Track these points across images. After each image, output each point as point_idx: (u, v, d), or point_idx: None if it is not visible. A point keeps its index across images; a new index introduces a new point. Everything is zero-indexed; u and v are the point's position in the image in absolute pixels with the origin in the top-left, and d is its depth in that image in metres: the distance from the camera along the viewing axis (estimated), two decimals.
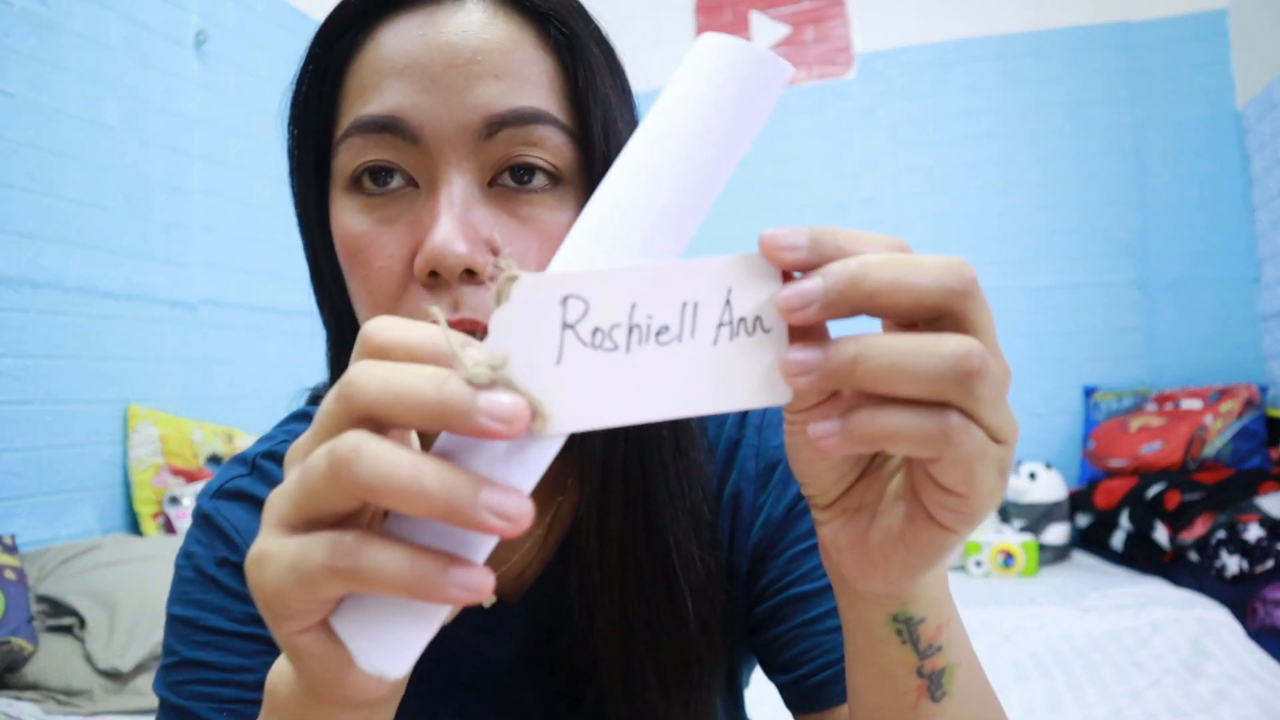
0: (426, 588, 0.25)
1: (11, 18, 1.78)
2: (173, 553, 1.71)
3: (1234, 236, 3.08)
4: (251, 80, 2.46)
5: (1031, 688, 1.59)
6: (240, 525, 0.53)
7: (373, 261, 0.43)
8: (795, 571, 0.52)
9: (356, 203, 0.44)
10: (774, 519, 0.54)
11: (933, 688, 0.36)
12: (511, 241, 0.42)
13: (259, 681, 0.48)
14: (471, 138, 0.42)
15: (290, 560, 0.26)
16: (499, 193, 0.43)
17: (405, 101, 0.42)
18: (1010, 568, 2.57)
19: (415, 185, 0.43)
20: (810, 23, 3.57)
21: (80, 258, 1.92)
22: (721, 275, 0.27)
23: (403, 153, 0.42)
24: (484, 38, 0.42)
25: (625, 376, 0.27)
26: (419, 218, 0.42)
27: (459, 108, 0.41)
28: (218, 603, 0.51)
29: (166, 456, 2.03)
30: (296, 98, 0.48)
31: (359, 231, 0.43)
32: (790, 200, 3.56)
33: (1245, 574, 2.10)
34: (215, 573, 0.52)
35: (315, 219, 0.48)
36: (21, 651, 1.45)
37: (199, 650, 0.50)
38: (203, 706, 0.48)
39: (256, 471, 0.55)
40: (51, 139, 1.86)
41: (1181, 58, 3.15)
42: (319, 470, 0.25)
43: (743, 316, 0.28)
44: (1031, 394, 3.29)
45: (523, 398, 0.25)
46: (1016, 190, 3.32)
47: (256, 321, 2.45)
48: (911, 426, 0.26)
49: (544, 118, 0.43)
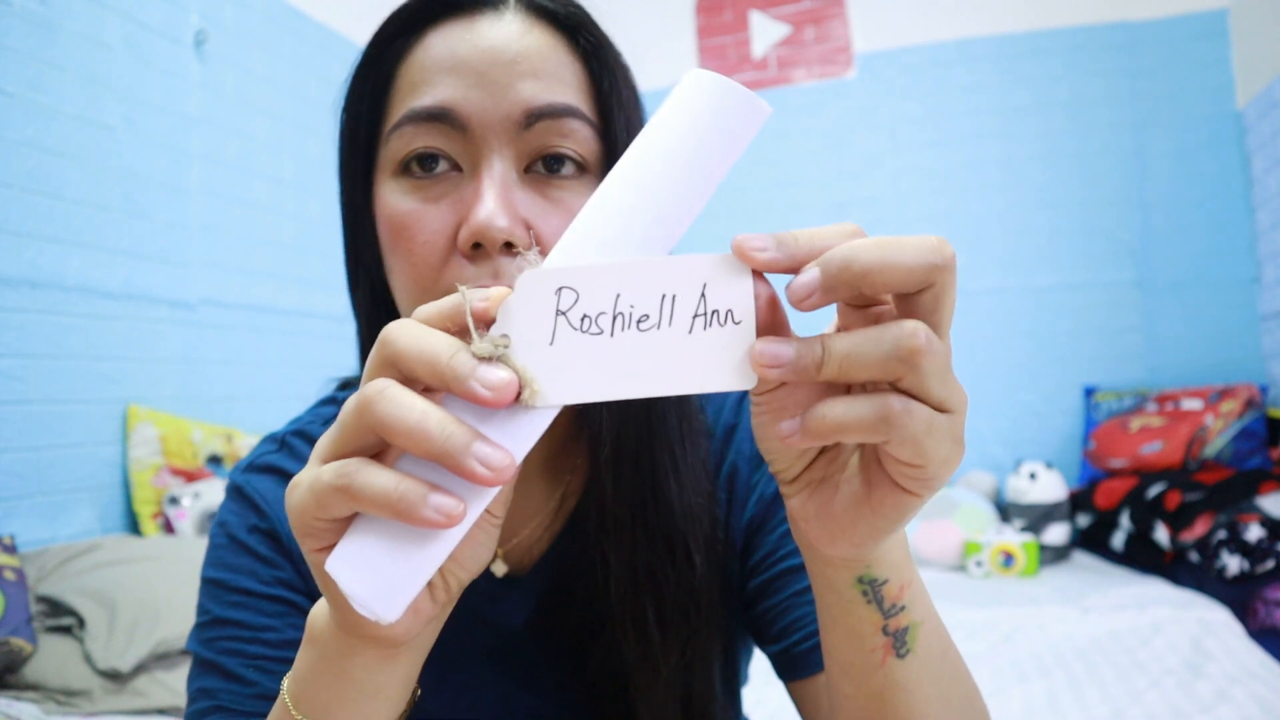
0: (407, 506, 0.29)
1: (11, 17, 1.78)
2: (173, 553, 1.71)
3: (1234, 236, 3.08)
4: (251, 80, 2.46)
5: (1031, 688, 1.59)
6: (269, 496, 0.57)
7: (418, 236, 0.48)
8: (787, 546, 0.56)
9: (404, 185, 0.49)
10: (766, 496, 0.58)
11: (897, 645, 0.40)
12: (544, 221, 0.47)
13: (283, 640, 0.53)
14: (513, 127, 0.47)
15: (309, 481, 0.32)
16: (533, 178, 0.48)
17: (455, 95, 0.47)
18: (1010, 568, 2.57)
19: (459, 170, 0.48)
20: (810, 23, 3.57)
21: (80, 258, 1.92)
22: (698, 272, 0.31)
23: (451, 140, 0.47)
24: (524, 44, 0.48)
25: (609, 358, 0.31)
26: (462, 197, 0.47)
27: (503, 101, 0.47)
28: (248, 566, 0.55)
29: (166, 456, 2.03)
30: (351, 93, 0.53)
31: (405, 210, 0.48)
32: (790, 200, 3.55)
33: (1246, 574, 2.09)
34: (246, 539, 0.56)
35: (361, 203, 0.53)
36: (21, 651, 1.45)
37: (229, 609, 0.54)
38: (231, 661, 0.53)
39: (285, 448, 0.60)
40: (51, 139, 1.85)
41: (1182, 57, 3.15)
42: (350, 408, 0.31)
43: (715, 309, 0.31)
44: (1031, 394, 3.29)
45: (515, 373, 0.30)
46: (1016, 190, 3.32)
47: (256, 321, 2.45)
48: (857, 417, 0.30)
49: (576, 113, 0.48)
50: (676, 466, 0.55)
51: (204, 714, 0.52)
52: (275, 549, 0.56)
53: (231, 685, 0.52)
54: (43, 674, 1.45)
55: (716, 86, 0.33)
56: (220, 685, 0.52)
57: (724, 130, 0.33)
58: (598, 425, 0.53)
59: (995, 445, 3.31)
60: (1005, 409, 3.31)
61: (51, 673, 1.45)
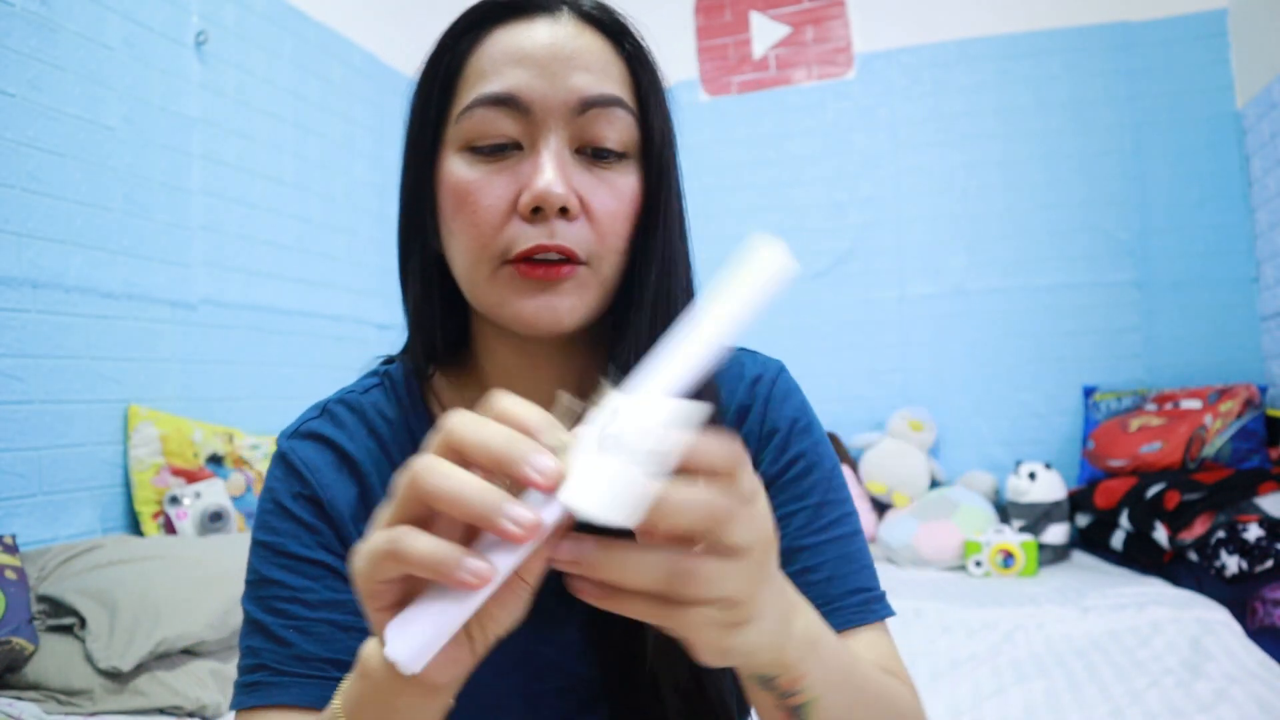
0: (445, 569, 0.33)
1: (12, 18, 1.78)
2: (173, 553, 1.72)
3: (1233, 237, 3.08)
4: (251, 80, 2.46)
5: (1031, 688, 1.59)
6: (310, 462, 0.62)
7: (481, 201, 0.55)
8: (788, 527, 0.62)
9: (470, 158, 0.56)
10: (769, 474, 0.63)
11: (794, 716, 0.46)
12: (592, 193, 0.55)
13: (320, 601, 0.58)
14: (568, 113, 0.55)
15: (366, 548, 0.36)
16: (581, 159, 0.56)
17: (520, 83, 0.55)
18: (1010, 568, 2.57)
19: (519, 148, 0.55)
20: (810, 23, 3.57)
21: (80, 258, 1.92)
22: (647, 413, 0.34)
23: (515, 121, 0.55)
24: (578, 43, 0.56)
25: (593, 471, 0.34)
26: (522, 169, 0.55)
27: (561, 89, 0.55)
28: (291, 530, 0.60)
29: (167, 456, 2.03)
30: (423, 78, 0.60)
31: (471, 179, 0.55)
32: (790, 200, 3.56)
33: (1245, 574, 2.10)
34: (290, 505, 0.61)
35: (425, 175, 0.59)
36: (22, 651, 1.45)
37: (274, 570, 0.59)
38: (273, 620, 0.58)
39: (326, 414, 0.65)
40: (52, 139, 1.86)
41: (1181, 58, 3.15)
42: (402, 483, 0.35)
43: (641, 446, 0.34)
44: (1031, 394, 3.29)
45: (535, 514, 0.34)
46: (1017, 190, 3.32)
47: (256, 321, 2.46)
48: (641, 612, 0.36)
49: (622, 103, 0.56)
50: None
51: (250, 670, 0.58)
52: (316, 514, 0.61)
53: (272, 645, 0.57)
54: (44, 673, 1.45)
55: (784, 272, 0.38)
56: (263, 645, 0.58)
57: (768, 290, 0.38)
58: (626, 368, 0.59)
59: (995, 445, 3.31)
60: (1005, 409, 3.31)
61: (52, 672, 1.45)
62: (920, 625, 2.04)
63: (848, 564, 0.61)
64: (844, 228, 3.50)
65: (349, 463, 0.62)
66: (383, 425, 0.63)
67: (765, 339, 4.05)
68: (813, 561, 0.60)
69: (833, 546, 0.61)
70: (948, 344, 3.37)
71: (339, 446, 0.62)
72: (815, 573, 0.60)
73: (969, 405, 3.34)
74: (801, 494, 0.62)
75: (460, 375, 0.65)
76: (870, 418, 3.42)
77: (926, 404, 3.36)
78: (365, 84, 2.96)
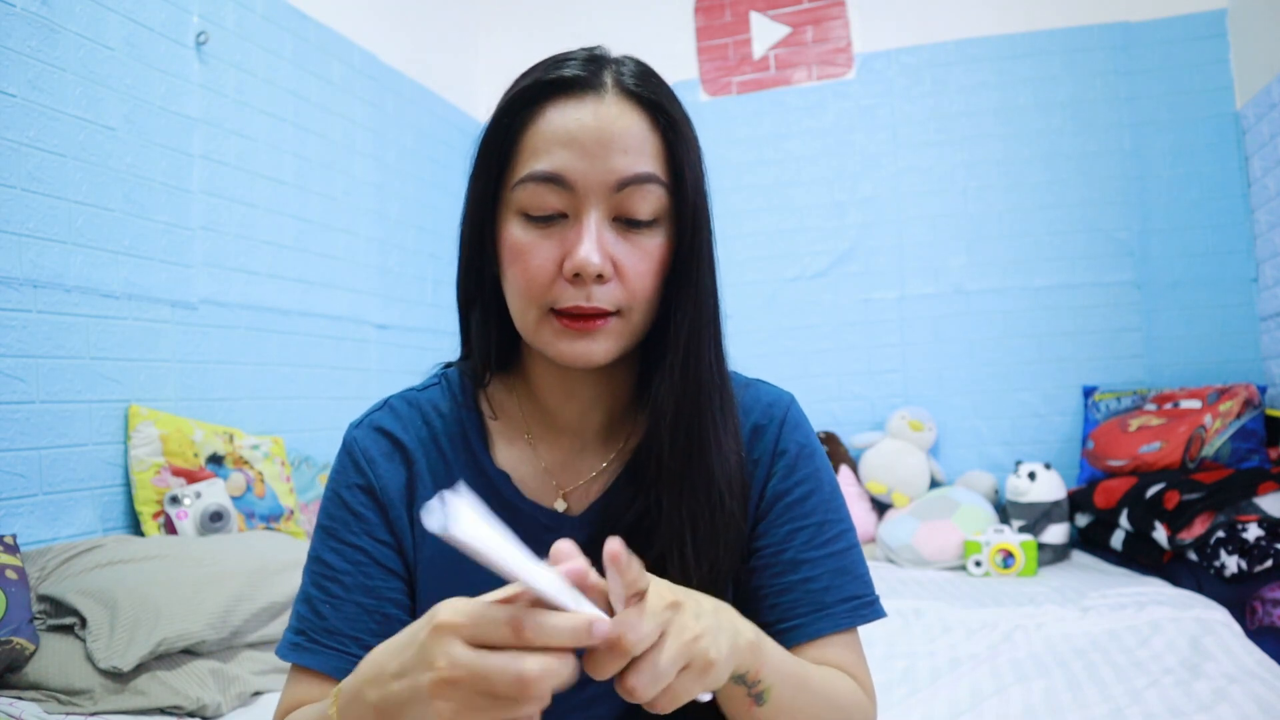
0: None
1: (12, 19, 1.78)
2: (173, 553, 1.72)
3: (1233, 237, 3.08)
4: (252, 81, 2.46)
5: (1031, 688, 1.59)
6: (368, 451, 0.73)
7: (532, 261, 0.65)
8: (794, 541, 0.72)
9: (524, 223, 0.66)
10: (778, 490, 0.73)
11: (757, 699, 0.59)
12: (626, 258, 0.65)
13: (355, 584, 0.69)
14: (607, 190, 0.64)
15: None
16: (618, 226, 0.66)
17: (567, 164, 0.64)
18: (1010, 568, 2.57)
19: (565, 217, 0.65)
20: (810, 23, 3.57)
21: (80, 258, 1.92)
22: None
23: (561, 196, 0.64)
24: (619, 125, 0.64)
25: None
26: (567, 237, 0.65)
27: (601, 170, 0.64)
28: (343, 517, 0.71)
29: (167, 456, 2.03)
30: (484, 144, 0.69)
31: (526, 240, 0.65)
32: (790, 200, 3.56)
33: (1244, 574, 2.10)
34: (344, 495, 0.71)
35: (488, 225, 0.69)
36: (23, 651, 1.45)
37: (325, 551, 0.70)
38: (316, 594, 0.69)
39: (387, 407, 0.75)
40: (52, 139, 1.86)
41: (1180, 58, 3.15)
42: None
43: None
44: (1031, 394, 3.29)
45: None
46: (1016, 190, 3.32)
47: (256, 321, 2.46)
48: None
49: (655, 179, 0.65)
50: (717, 433, 0.69)
51: (295, 631, 0.70)
52: (368, 504, 0.71)
53: (312, 616, 0.69)
54: (44, 673, 1.45)
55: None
56: (306, 613, 0.69)
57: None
58: (661, 397, 0.68)
59: (995, 445, 3.32)
60: (1005, 409, 3.32)
61: (53, 672, 1.45)
62: (920, 625, 2.04)
63: (842, 575, 0.71)
64: (844, 228, 3.50)
65: (401, 450, 0.73)
66: (436, 418, 0.74)
67: (766, 338, 4.02)
68: (813, 573, 0.71)
69: (831, 560, 0.71)
70: (947, 344, 3.37)
71: (393, 436, 0.73)
72: (814, 582, 0.70)
73: (969, 405, 3.35)
74: (806, 513, 0.72)
75: (509, 379, 0.77)
76: (870, 418, 3.42)
77: (926, 404, 3.36)
78: (365, 84, 2.96)
